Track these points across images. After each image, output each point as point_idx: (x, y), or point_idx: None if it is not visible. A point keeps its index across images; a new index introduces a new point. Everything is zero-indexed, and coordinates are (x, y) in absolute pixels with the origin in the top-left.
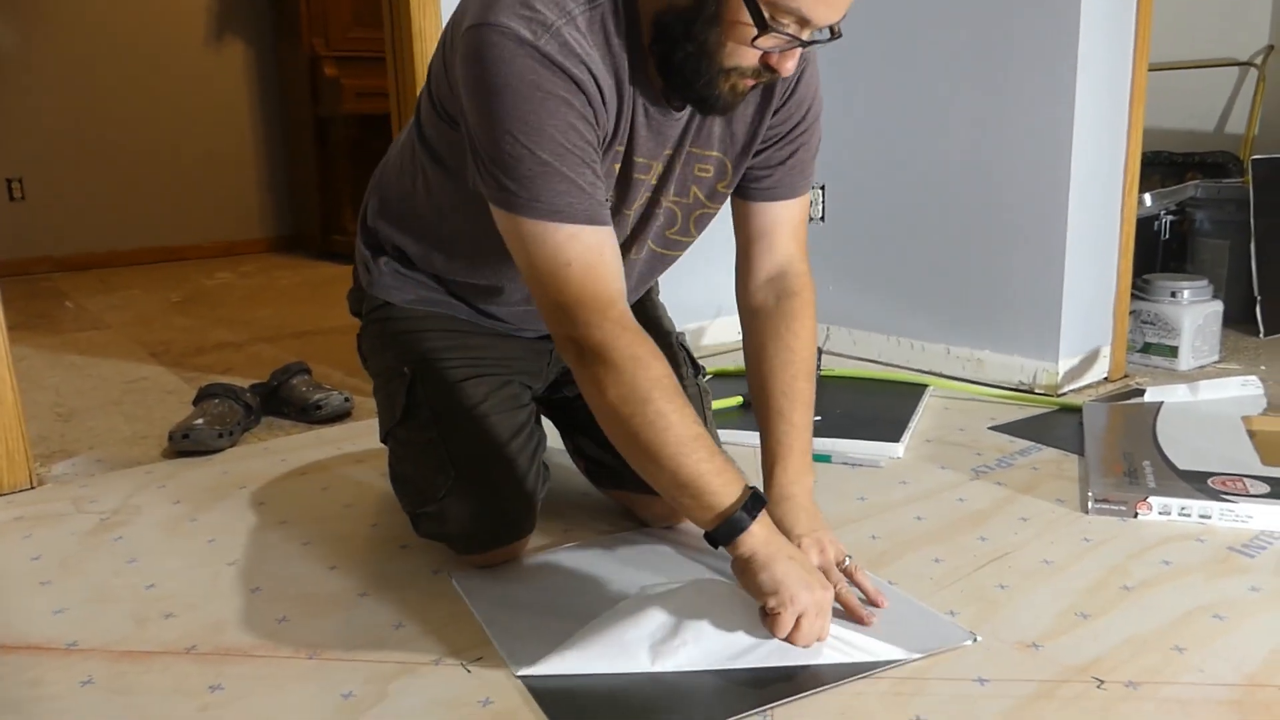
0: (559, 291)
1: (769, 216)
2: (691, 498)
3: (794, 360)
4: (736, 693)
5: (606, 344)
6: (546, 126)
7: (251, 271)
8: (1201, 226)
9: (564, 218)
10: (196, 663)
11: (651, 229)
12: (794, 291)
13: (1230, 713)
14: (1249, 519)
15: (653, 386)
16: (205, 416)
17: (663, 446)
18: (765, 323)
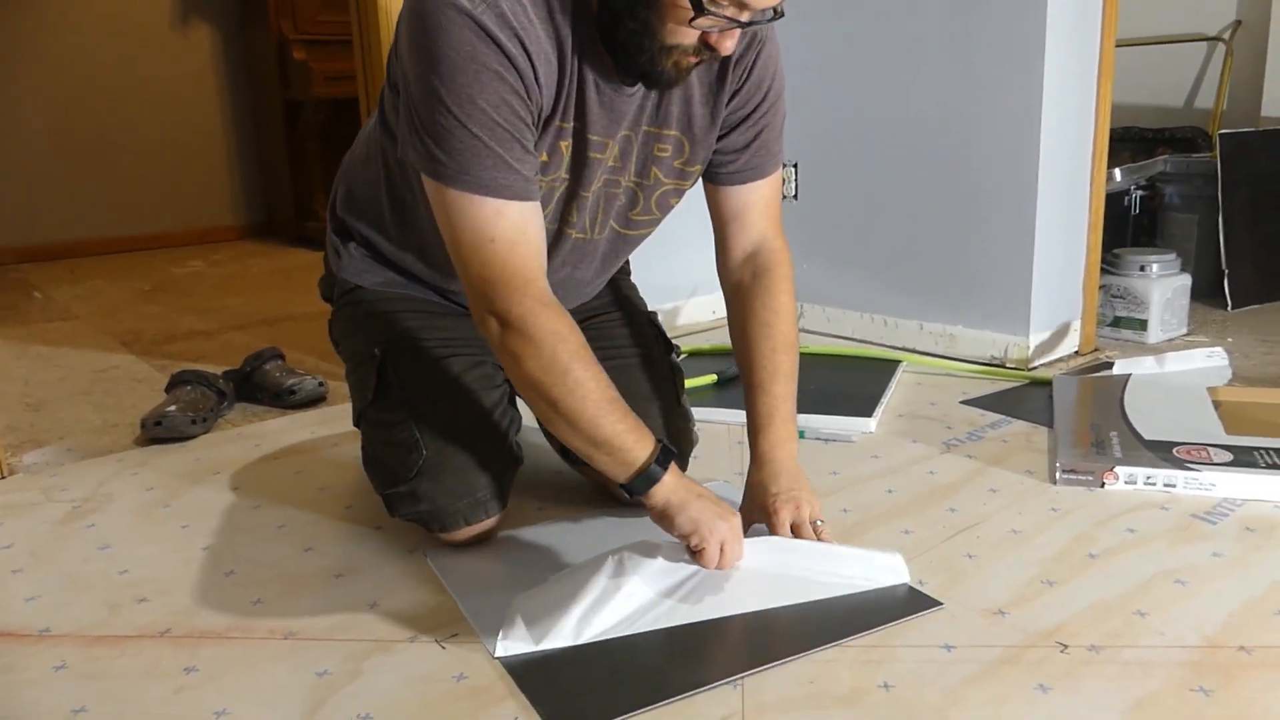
0: (482, 266)
1: (740, 199)
2: (608, 455)
3: (772, 334)
4: (706, 662)
5: (526, 319)
6: (479, 100)
7: (223, 259)
8: (1171, 201)
9: (490, 192)
10: (170, 646)
11: (613, 210)
12: (769, 267)
13: (1189, 673)
14: (1212, 487)
15: (571, 358)
16: (178, 403)
17: (581, 412)
18: (744, 300)
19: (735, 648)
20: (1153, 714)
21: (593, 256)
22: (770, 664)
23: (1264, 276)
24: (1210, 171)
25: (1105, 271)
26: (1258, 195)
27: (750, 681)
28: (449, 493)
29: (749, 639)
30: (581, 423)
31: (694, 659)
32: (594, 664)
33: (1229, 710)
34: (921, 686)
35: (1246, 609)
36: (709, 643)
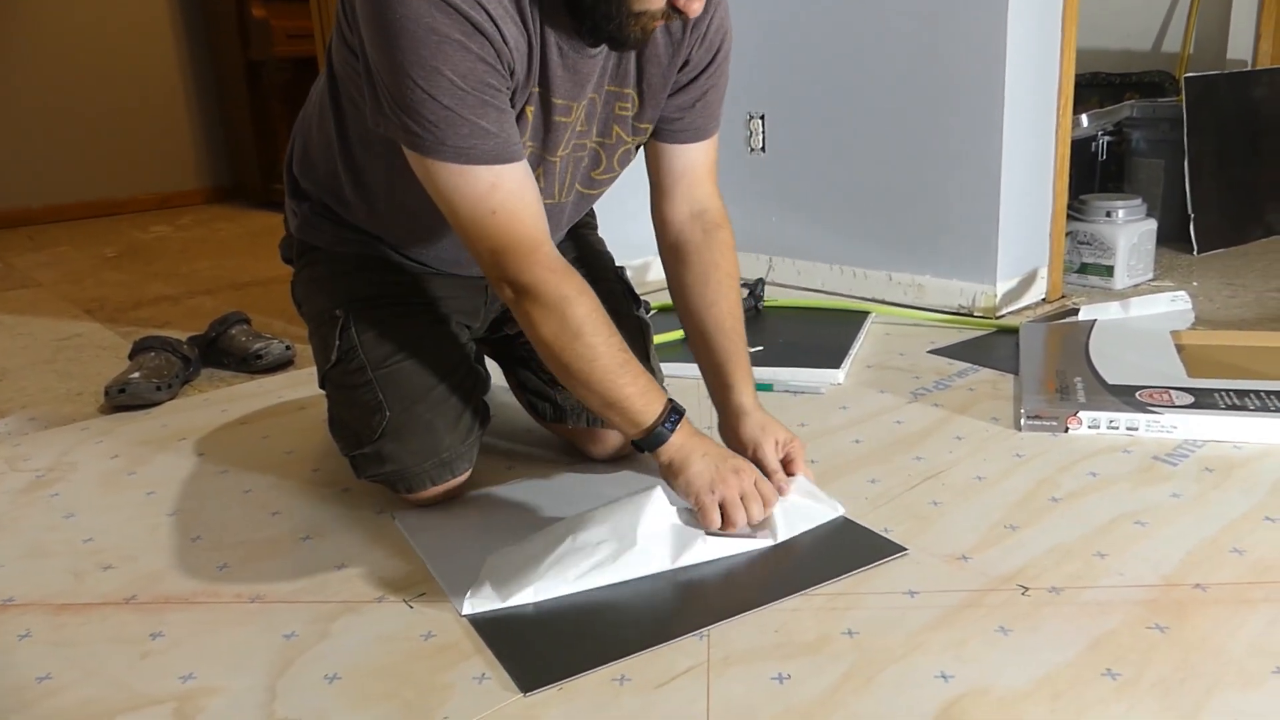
0: (487, 239)
1: (687, 158)
2: (620, 415)
3: (733, 285)
4: (672, 616)
5: (536, 285)
6: (444, 70)
7: (189, 224)
8: (1138, 146)
9: (478, 160)
10: (136, 612)
11: (579, 172)
12: (717, 224)
13: (1146, 611)
14: (1173, 429)
15: (582, 322)
16: (142, 370)
17: (592, 374)
18: (698, 254)
19: (701, 600)
20: (1109, 652)
21: (558, 219)
22: (736, 615)
23: (1229, 220)
24: (1177, 116)
25: (1072, 218)
26: (1224, 139)
27: (716, 632)
28: (414, 453)
29: (714, 592)
30: (594, 384)
31: (660, 613)
32: (560, 620)
33: (1184, 646)
34: (885, 632)
35: (1203, 548)
36: (675, 597)
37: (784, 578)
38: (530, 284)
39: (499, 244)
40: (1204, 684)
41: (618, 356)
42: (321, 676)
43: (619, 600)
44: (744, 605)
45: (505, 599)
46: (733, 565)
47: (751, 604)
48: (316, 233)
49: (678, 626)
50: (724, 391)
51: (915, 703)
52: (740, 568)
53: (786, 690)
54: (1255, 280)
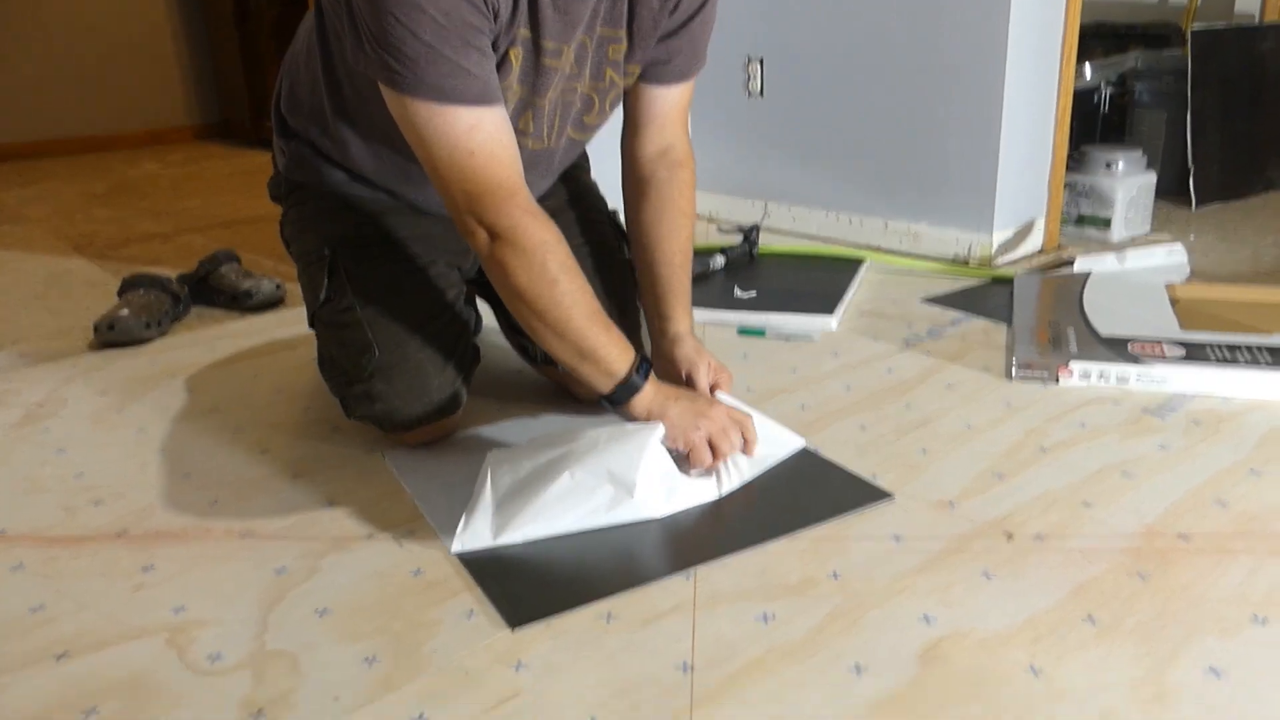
0: (465, 180)
1: (663, 100)
2: (592, 366)
3: (686, 224)
4: (659, 555)
5: (515, 230)
6: (426, 7)
7: (179, 161)
8: (1141, 98)
9: (452, 99)
10: (127, 546)
11: (570, 117)
12: (681, 162)
13: (1128, 559)
14: (1164, 382)
15: (560, 270)
16: (131, 307)
17: (568, 323)
18: (659, 190)
19: (688, 542)
20: (1091, 598)
21: (549, 164)
22: (723, 556)
23: (1229, 175)
24: (1181, 68)
25: (1071, 169)
26: (1227, 93)
27: (702, 572)
28: (403, 393)
29: (702, 533)
30: (568, 334)
31: (647, 553)
32: (548, 558)
33: (1164, 593)
34: (870, 575)
35: (1188, 498)
36: (662, 537)
37: (771, 520)
38: (508, 228)
39: (476, 187)
40: (1182, 630)
41: (592, 305)
42: (312, 610)
43: (607, 539)
44: (731, 546)
45: (496, 537)
46: (720, 507)
47: (738, 545)
48: (305, 171)
49: (664, 566)
50: (662, 321)
51: (898, 643)
52: (728, 510)
53: (771, 630)
54: (1251, 235)
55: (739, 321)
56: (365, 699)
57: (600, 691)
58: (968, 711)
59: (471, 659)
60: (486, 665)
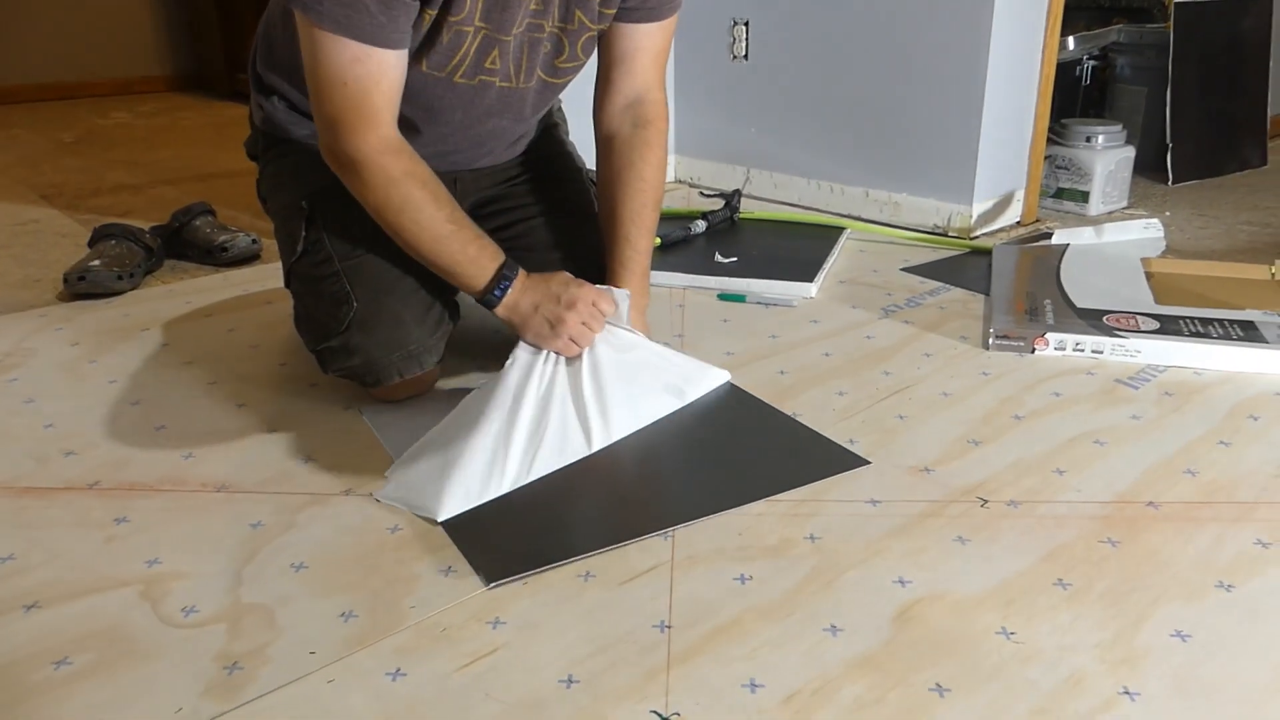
0: (331, 105)
1: (632, 40)
2: (455, 279)
3: (645, 188)
4: (637, 515)
5: (361, 162)
6: None
7: (151, 111)
8: (1122, 72)
9: (347, 32)
10: (100, 497)
11: (539, 58)
12: (649, 120)
13: (1099, 525)
14: (1137, 353)
15: (404, 201)
16: (102, 258)
17: (419, 245)
18: (619, 149)
19: (668, 502)
20: (1062, 563)
21: (520, 106)
22: (701, 517)
23: (1205, 152)
24: (1163, 43)
25: (1051, 142)
26: (1208, 69)
27: (681, 533)
28: (381, 344)
29: (680, 494)
30: (423, 253)
31: (626, 512)
32: (526, 516)
33: (1133, 559)
34: (846, 538)
35: (1158, 467)
36: (641, 497)
37: (750, 483)
38: (356, 159)
39: (338, 114)
40: (1150, 595)
41: (444, 228)
42: (288, 565)
43: (587, 498)
44: (709, 508)
45: (466, 501)
46: (699, 469)
47: (717, 507)
48: (282, 126)
49: (643, 525)
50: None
51: (873, 605)
52: (706, 472)
53: (748, 590)
54: (1226, 212)
55: (719, 286)
56: (342, 653)
57: (578, 649)
58: (941, 672)
59: (449, 615)
60: (464, 622)
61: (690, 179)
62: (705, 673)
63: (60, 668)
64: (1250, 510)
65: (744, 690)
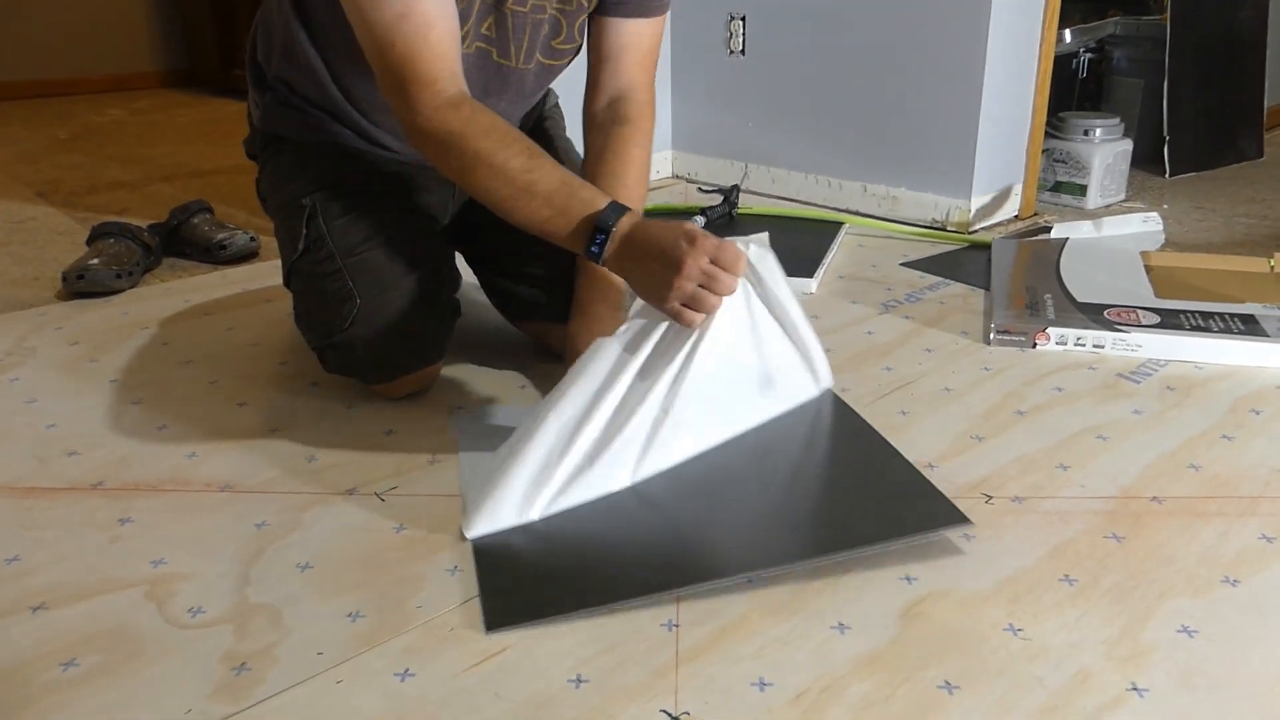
0: (386, 72)
1: (620, 37)
2: (550, 238)
3: (618, 186)
4: (704, 559)
5: (422, 127)
6: None
7: (146, 108)
8: (1118, 64)
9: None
10: (104, 497)
11: (539, 39)
12: (630, 118)
13: (1103, 521)
14: (1138, 348)
15: (475, 158)
16: (101, 256)
17: (499, 203)
18: (599, 149)
19: (732, 548)
20: (1067, 559)
21: (519, 89)
22: (773, 567)
23: (1203, 144)
24: (1160, 35)
25: (1049, 135)
26: (1204, 60)
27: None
28: (384, 341)
29: (751, 539)
30: (508, 213)
31: (700, 554)
32: (562, 546)
33: (1138, 554)
34: None
35: (1161, 462)
36: (709, 538)
37: (829, 532)
38: (417, 125)
39: (394, 80)
40: (1155, 591)
41: (520, 180)
42: (294, 565)
43: (639, 530)
44: (777, 559)
45: (505, 519)
46: (774, 509)
47: (786, 559)
48: (281, 122)
49: (695, 574)
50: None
51: (880, 603)
52: (782, 514)
53: (755, 588)
54: (1224, 205)
55: None
56: (349, 653)
57: (586, 648)
58: (949, 669)
59: (456, 615)
60: (472, 621)
61: (688, 175)
62: (714, 671)
63: (68, 669)
64: (1254, 505)
65: (753, 689)
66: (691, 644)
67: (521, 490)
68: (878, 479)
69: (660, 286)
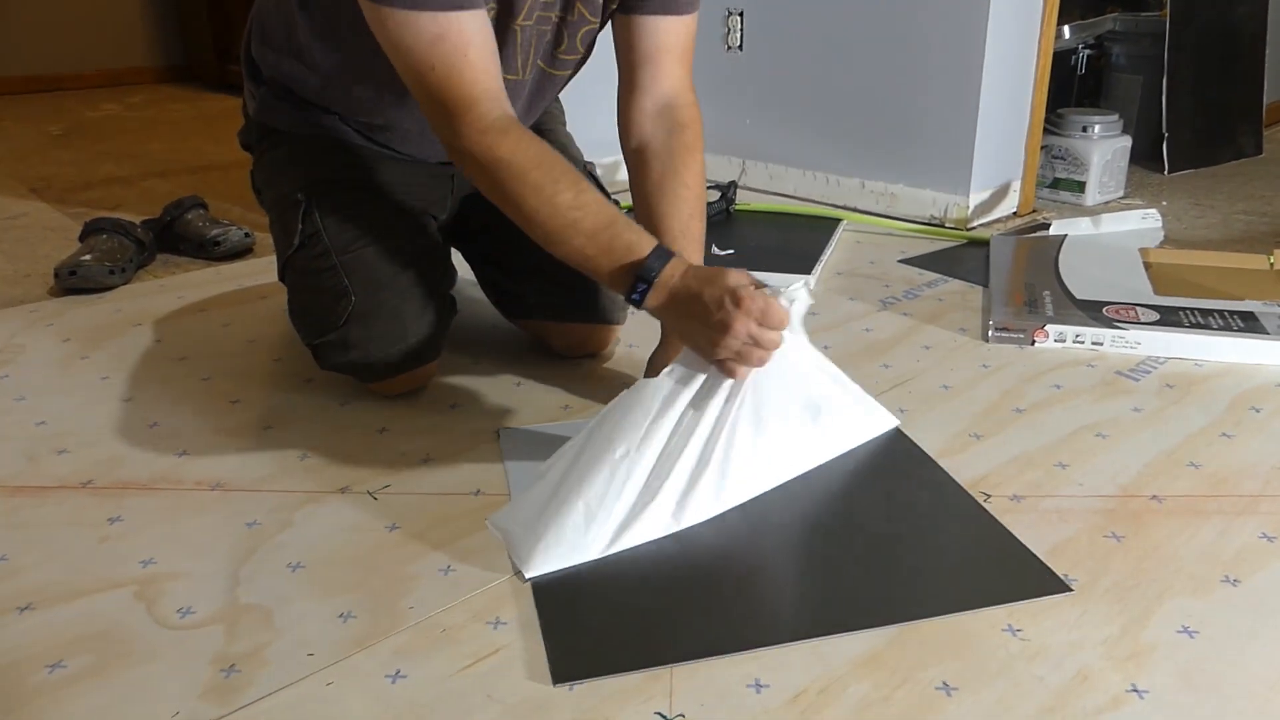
0: (425, 97)
1: (655, 38)
2: (590, 273)
3: (690, 197)
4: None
5: (466, 150)
6: None
7: (140, 103)
8: (1117, 61)
9: (418, 4)
10: (94, 496)
11: (541, 47)
12: (685, 124)
13: (1102, 520)
14: (1137, 345)
15: (522, 188)
16: (94, 253)
17: (543, 235)
18: (658, 156)
19: (804, 607)
20: (1067, 558)
21: (519, 98)
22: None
23: (1201, 141)
24: (1159, 31)
25: (1047, 132)
26: (1203, 57)
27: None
28: (380, 339)
29: (826, 597)
30: (550, 244)
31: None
32: (629, 599)
33: (1138, 553)
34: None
35: (1160, 460)
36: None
37: (912, 595)
38: (462, 149)
39: (433, 106)
40: (1155, 590)
41: (563, 217)
42: (285, 564)
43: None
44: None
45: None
46: (853, 565)
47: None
48: (276, 115)
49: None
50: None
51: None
52: (860, 570)
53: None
54: (1223, 202)
55: None
56: (341, 654)
57: None
58: (947, 670)
59: (449, 615)
60: (464, 622)
61: None
62: (710, 673)
63: (55, 671)
64: (1254, 503)
65: (749, 690)
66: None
67: (579, 527)
68: (960, 535)
69: (705, 343)
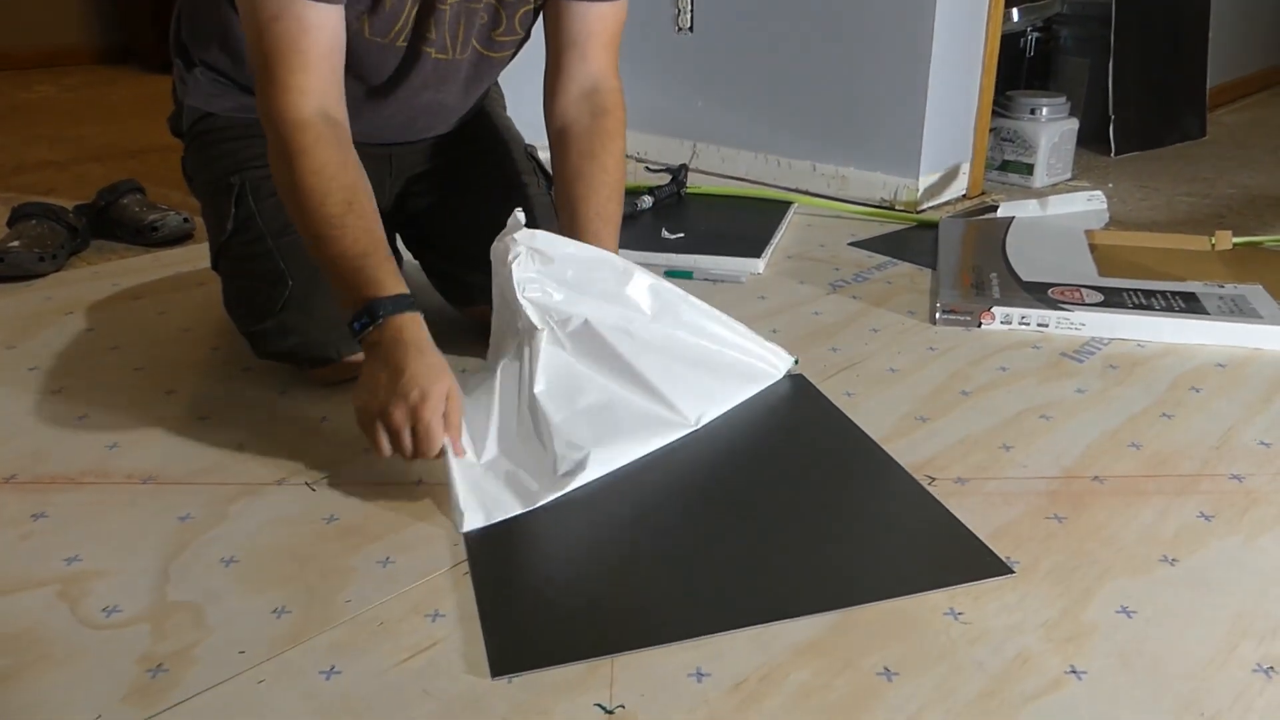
0: (252, 57)
1: (584, 23)
2: (331, 281)
3: (609, 181)
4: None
5: (268, 119)
6: None
7: (76, 84)
8: (1065, 43)
9: None
10: (16, 492)
11: (474, 28)
12: (607, 109)
13: (1046, 501)
14: (1082, 326)
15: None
16: (22, 239)
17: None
18: (578, 140)
19: (745, 592)
20: (1010, 540)
21: (455, 79)
22: (790, 618)
23: (1147, 123)
24: (1105, 14)
25: (996, 114)
26: (1148, 40)
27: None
28: (319, 323)
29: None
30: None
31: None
32: (568, 588)
33: (1080, 534)
34: None
35: (1103, 441)
36: (716, 582)
37: (856, 579)
38: (268, 118)
39: (258, 73)
40: (1096, 571)
41: (321, 228)
42: (218, 559)
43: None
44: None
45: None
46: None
47: (810, 608)
48: (207, 98)
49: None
50: None
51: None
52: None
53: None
54: (1167, 184)
55: (666, 264)
56: (273, 651)
57: None
58: (888, 655)
59: (386, 609)
60: (402, 615)
61: (636, 154)
62: (650, 662)
63: None
64: (1193, 483)
65: (690, 679)
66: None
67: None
68: (903, 519)
69: (370, 398)
